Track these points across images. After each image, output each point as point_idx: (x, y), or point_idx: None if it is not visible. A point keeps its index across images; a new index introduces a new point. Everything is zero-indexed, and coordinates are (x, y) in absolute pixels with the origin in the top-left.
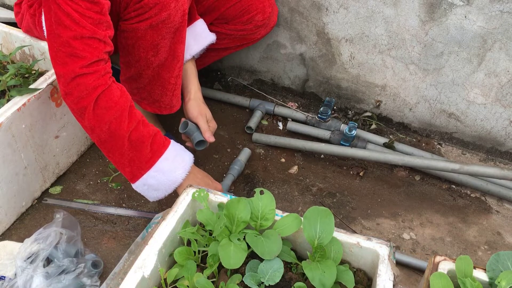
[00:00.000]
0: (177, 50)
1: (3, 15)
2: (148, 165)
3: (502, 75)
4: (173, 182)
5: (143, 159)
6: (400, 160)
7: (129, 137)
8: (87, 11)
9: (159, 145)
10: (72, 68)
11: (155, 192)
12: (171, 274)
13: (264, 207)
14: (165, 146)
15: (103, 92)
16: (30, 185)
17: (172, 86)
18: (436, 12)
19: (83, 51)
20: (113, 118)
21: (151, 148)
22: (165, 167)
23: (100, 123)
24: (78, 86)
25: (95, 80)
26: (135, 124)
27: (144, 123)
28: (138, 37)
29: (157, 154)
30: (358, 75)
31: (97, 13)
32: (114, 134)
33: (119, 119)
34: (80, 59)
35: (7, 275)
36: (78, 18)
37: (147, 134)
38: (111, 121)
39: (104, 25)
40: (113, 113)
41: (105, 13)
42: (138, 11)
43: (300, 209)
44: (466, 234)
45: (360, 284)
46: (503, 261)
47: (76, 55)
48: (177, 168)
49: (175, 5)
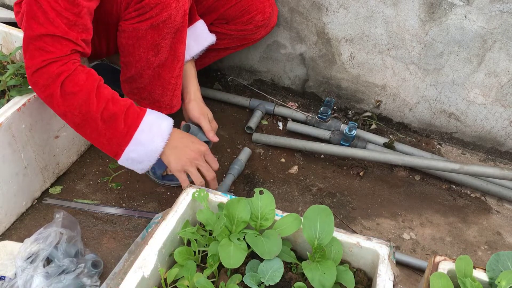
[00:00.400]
0: (178, 50)
1: (3, 15)
2: (126, 140)
3: (502, 75)
4: (154, 151)
5: (120, 135)
6: (400, 160)
7: (101, 117)
8: (65, 11)
9: (133, 118)
10: (36, 61)
11: (140, 165)
12: (171, 274)
13: (264, 207)
14: (140, 117)
15: (67, 78)
16: (30, 185)
17: (173, 86)
18: (436, 12)
19: (52, 47)
20: (82, 101)
21: (125, 123)
22: (142, 139)
23: (70, 108)
24: (42, 75)
25: (58, 67)
26: (105, 103)
27: (114, 100)
28: (139, 37)
29: (132, 128)
30: (358, 75)
31: (74, 15)
32: (86, 116)
33: (88, 102)
34: (48, 53)
35: (7, 275)
36: (53, 17)
37: (118, 111)
38: (80, 104)
39: (79, 28)
40: (81, 97)
41: (83, 16)
42: (139, 11)
43: (300, 209)
44: (466, 234)
45: (360, 284)
46: (503, 261)
47: (44, 49)
48: (155, 137)
49: (176, 5)
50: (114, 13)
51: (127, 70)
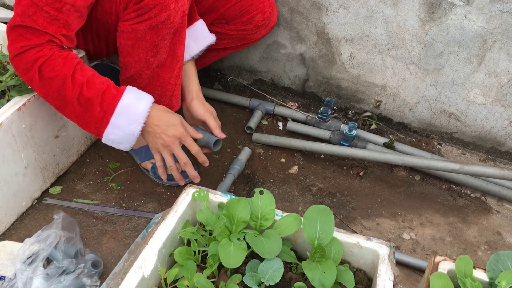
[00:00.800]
0: (177, 50)
1: (3, 15)
2: (103, 123)
3: (502, 75)
4: (132, 135)
5: (96, 119)
6: (400, 160)
7: (78, 101)
8: (46, 6)
9: (108, 102)
10: (15, 47)
11: (121, 145)
12: (171, 274)
13: (264, 207)
14: (116, 100)
15: (44, 63)
16: (30, 185)
17: (172, 86)
18: (436, 12)
19: (32, 35)
20: (59, 86)
21: (101, 107)
22: (119, 123)
23: (49, 91)
24: (21, 59)
25: (35, 53)
26: (79, 88)
27: (90, 84)
28: (138, 38)
29: (108, 112)
30: (358, 75)
31: (56, 10)
32: (64, 100)
33: (64, 86)
34: (26, 40)
35: (7, 275)
36: (33, 12)
37: (93, 95)
38: (57, 89)
39: (59, 22)
40: (57, 82)
41: (65, 11)
42: (138, 12)
43: (300, 209)
44: (466, 234)
45: (360, 284)
46: (503, 261)
47: (23, 36)
48: (132, 122)
49: (175, 6)
50: (113, 13)
51: (126, 70)
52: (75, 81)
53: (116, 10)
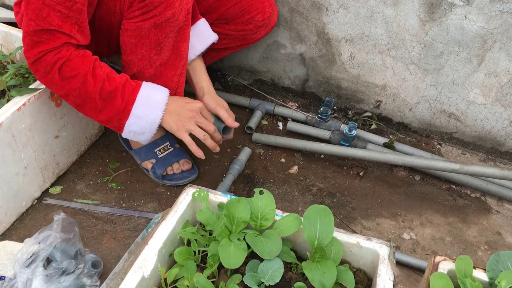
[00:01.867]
0: (181, 48)
1: (3, 15)
2: (125, 114)
3: (502, 75)
4: (154, 123)
5: (118, 110)
6: (400, 160)
7: (100, 96)
8: (57, 5)
9: (129, 93)
10: (34, 53)
11: (142, 136)
12: (171, 274)
13: (264, 207)
14: (135, 91)
15: (63, 64)
16: (30, 185)
17: (175, 84)
18: (436, 12)
19: (48, 40)
20: (80, 84)
21: (122, 99)
22: (140, 112)
23: (70, 91)
24: (41, 64)
25: (54, 56)
26: (101, 83)
27: (110, 78)
28: (142, 36)
29: (129, 103)
30: (358, 75)
31: (67, 8)
32: (85, 97)
33: (85, 84)
34: (44, 44)
35: (7, 275)
36: (47, 13)
37: (115, 88)
38: (78, 87)
39: (72, 20)
40: (78, 80)
41: (76, 10)
42: (143, 10)
43: (300, 209)
44: (466, 234)
45: (360, 284)
46: (503, 261)
47: (40, 42)
48: (153, 110)
49: (180, 4)
50: (118, 11)
51: (129, 68)
52: (96, 76)
53: (120, 8)
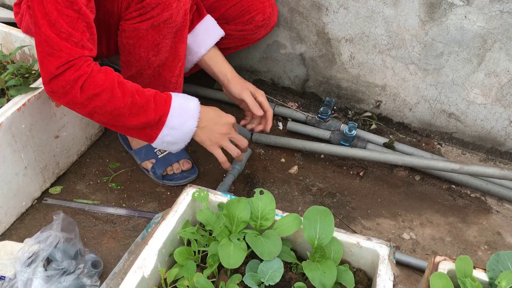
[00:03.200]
0: (179, 49)
1: (3, 15)
2: (159, 127)
3: (502, 75)
4: (188, 133)
5: (152, 124)
6: (400, 160)
7: (130, 111)
8: (65, 9)
9: (161, 105)
10: (49, 68)
11: (175, 145)
12: (171, 274)
13: (264, 207)
14: (168, 103)
15: (85, 81)
16: (30, 185)
17: (173, 85)
18: (436, 12)
19: (59, 51)
20: (106, 100)
21: (155, 112)
22: (175, 123)
23: (95, 109)
24: (59, 83)
25: (74, 72)
26: (131, 98)
27: (139, 92)
28: (139, 37)
29: (164, 115)
30: (358, 75)
31: (75, 12)
32: (114, 114)
33: (113, 99)
34: (56, 58)
35: (7, 275)
36: (55, 19)
37: (147, 101)
38: (105, 104)
39: (82, 25)
40: (104, 97)
41: (84, 13)
42: (140, 11)
43: (300, 209)
44: (466, 234)
45: (360, 284)
46: (503, 261)
47: (52, 55)
48: (187, 119)
49: (177, 5)
50: (115, 12)
51: (128, 69)
52: (125, 91)
53: (118, 9)
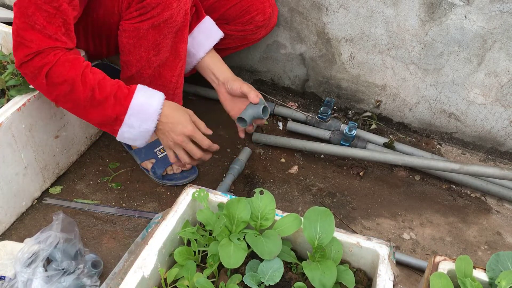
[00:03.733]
0: (179, 49)
1: (3, 15)
2: (117, 123)
3: (502, 75)
4: (146, 132)
5: (110, 120)
6: (400, 160)
7: (90, 103)
8: (44, 4)
9: (121, 104)
10: (20, 56)
11: (136, 142)
12: (171, 274)
13: (264, 207)
14: (127, 102)
15: (50, 69)
16: (30, 185)
17: (174, 85)
18: (436, 12)
19: (30, 42)
20: (68, 91)
21: (113, 109)
22: (133, 122)
23: (59, 97)
24: (28, 68)
25: (40, 60)
26: (91, 92)
27: (101, 86)
28: (140, 37)
29: (121, 113)
30: (358, 75)
31: (54, 8)
32: (75, 104)
33: (74, 91)
34: (26, 48)
35: (7, 275)
36: (33, 11)
37: (105, 98)
38: (67, 93)
39: (59, 21)
40: (66, 87)
41: (64, 10)
42: (140, 11)
43: (300, 209)
44: (466, 234)
45: (360, 284)
46: (503, 261)
47: (23, 44)
48: (145, 120)
49: (178, 5)
50: (116, 12)
51: (128, 69)
52: (86, 84)
53: (118, 9)
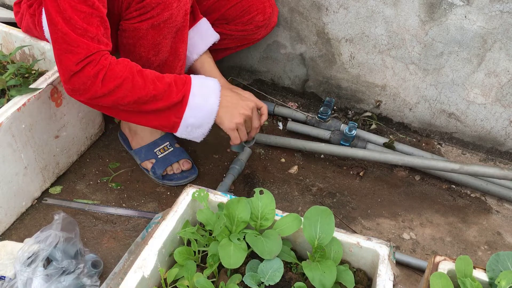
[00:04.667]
0: (179, 49)
1: (3, 15)
2: (182, 108)
3: (502, 75)
4: (211, 112)
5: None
6: (400, 160)
7: (153, 96)
8: (79, 4)
9: (182, 86)
10: (68, 66)
11: (199, 129)
12: (171, 274)
13: (264, 207)
14: (188, 83)
15: (105, 75)
16: (30, 185)
17: None
18: (436, 12)
19: (77, 47)
20: (128, 90)
21: (177, 93)
22: (197, 102)
23: (119, 101)
24: (79, 79)
25: (93, 67)
26: (152, 84)
27: (159, 77)
28: (140, 37)
29: (186, 95)
30: (358, 75)
31: (89, 7)
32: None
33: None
34: (74, 55)
35: (7, 275)
36: (70, 15)
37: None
38: (126, 94)
39: (97, 20)
40: (126, 86)
41: (98, 7)
42: (140, 11)
43: (300, 209)
44: (466, 234)
45: (360, 284)
46: (503, 261)
47: (70, 51)
48: (209, 97)
49: (178, 5)
50: (115, 12)
51: None
52: (146, 78)
53: (118, 9)
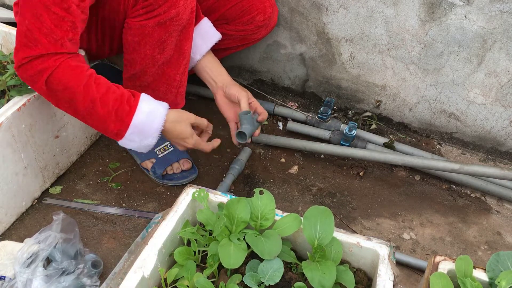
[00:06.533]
0: (184, 47)
1: (3, 15)
2: (118, 137)
3: (502, 75)
4: (147, 146)
5: (111, 133)
6: (400, 160)
7: (90, 116)
8: (54, 6)
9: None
10: (20, 57)
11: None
12: (171, 274)
13: (264, 207)
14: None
15: (50, 75)
16: (30, 185)
17: (177, 83)
18: (436, 12)
19: (35, 46)
20: (68, 99)
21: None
22: (134, 138)
23: (59, 103)
24: (26, 71)
25: (39, 64)
26: (92, 104)
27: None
28: (145, 34)
29: (123, 129)
30: (358, 75)
31: (63, 10)
32: (75, 112)
33: (75, 100)
34: (30, 49)
35: (7, 275)
36: (41, 13)
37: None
38: (68, 101)
39: (67, 24)
40: (66, 95)
41: (73, 12)
42: (147, 8)
43: (300, 209)
44: (466, 234)
45: (360, 284)
46: (503, 261)
47: (28, 46)
48: (146, 137)
49: (184, 3)
50: (121, 11)
51: (131, 67)
52: (87, 96)
53: (124, 7)
